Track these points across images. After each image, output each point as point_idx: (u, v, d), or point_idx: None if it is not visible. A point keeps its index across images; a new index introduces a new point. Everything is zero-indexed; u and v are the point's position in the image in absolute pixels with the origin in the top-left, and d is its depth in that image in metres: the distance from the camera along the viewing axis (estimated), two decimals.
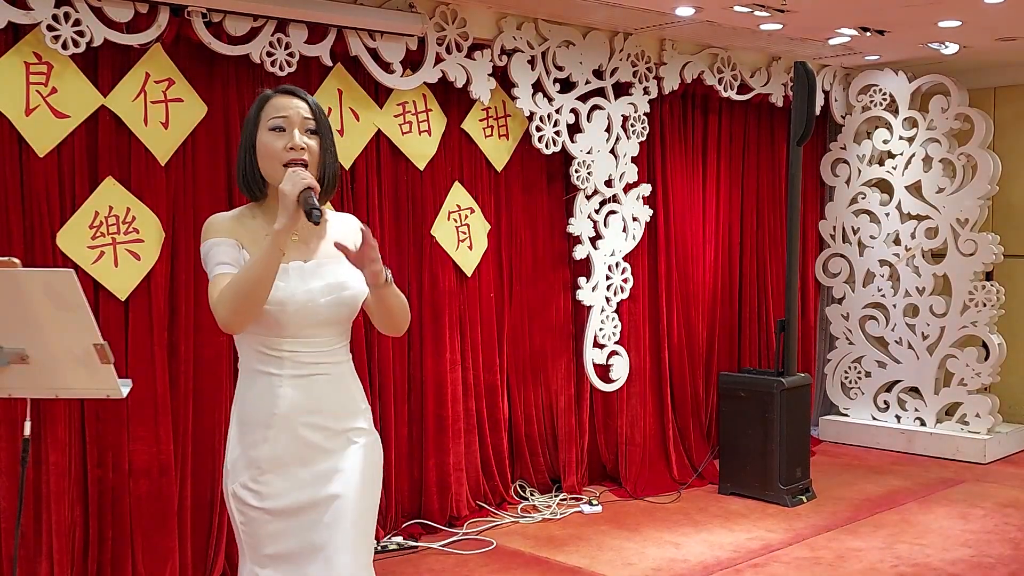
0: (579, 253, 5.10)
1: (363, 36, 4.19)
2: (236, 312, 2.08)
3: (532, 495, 5.08)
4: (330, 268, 2.23)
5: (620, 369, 5.27)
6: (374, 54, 4.25)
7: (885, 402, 6.27)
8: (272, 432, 2.18)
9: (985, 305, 5.87)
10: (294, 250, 2.20)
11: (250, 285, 2.07)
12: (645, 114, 5.26)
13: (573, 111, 4.97)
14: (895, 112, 6.12)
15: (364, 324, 4.44)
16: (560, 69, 4.88)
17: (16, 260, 2.50)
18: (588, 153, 5.04)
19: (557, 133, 4.92)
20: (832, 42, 5.41)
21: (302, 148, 2.16)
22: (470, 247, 4.77)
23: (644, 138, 5.28)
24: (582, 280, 5.13)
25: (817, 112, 5.42)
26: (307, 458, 2.19)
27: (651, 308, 5.51)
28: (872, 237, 6.25)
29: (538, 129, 4.85)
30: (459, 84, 4.54)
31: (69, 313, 2.42)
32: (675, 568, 4.17)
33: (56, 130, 3.57)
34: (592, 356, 5.17)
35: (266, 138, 2.17)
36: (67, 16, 3.49)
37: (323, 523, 2.17)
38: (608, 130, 5.12)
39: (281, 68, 3.96)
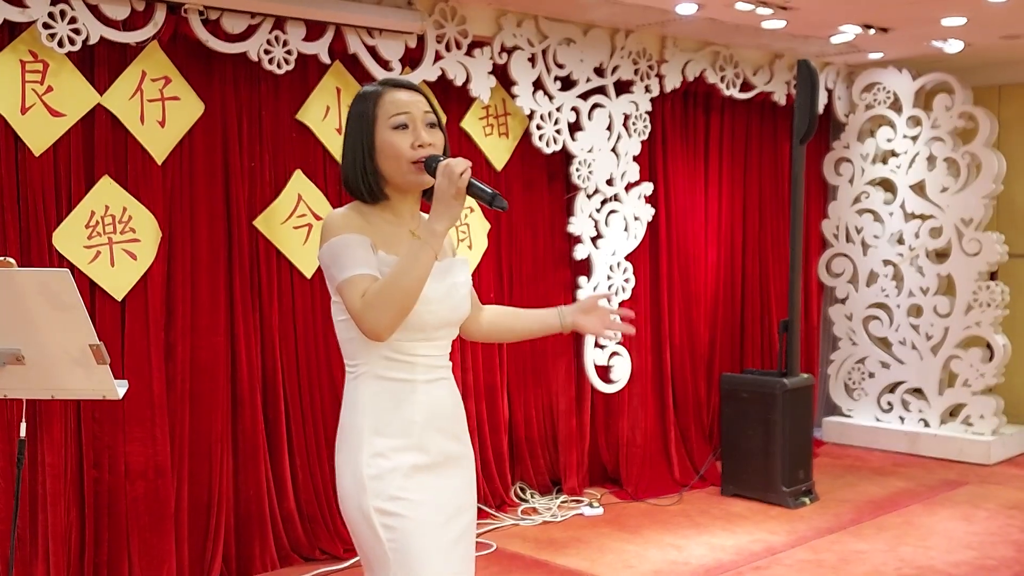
0: (580, 253, 5.07)
1: (362, 34, 4.17)
2: (393, 319, 1.95)
3: (532, 497, 5.06)
4: (457, 265, 2.16)
5: (621, 370, 5.24)
6: (373, 52, 4.22)
7: (888, 403, 6.23)
8: (413, 441, 2.05)
9: (989, 305, 5.84)
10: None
11: (408, 292, 1.95)
12: (646, 112, 5.23)
13: (574, 109, 4.94)
14: (898, 110, 6.09)
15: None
16: (561, 67, 4.85)
17: (11, 260, 2.49)
18: (589, 152, 5.01)
19: (558, 131, 4.89)
20: (835, 40, 5.38)
21: (430, 144, 2.07)
22: (470, 247, 4.75)
23: (645, 136, 5.25)
24: (583, 280, 5.10)
25: (820, 110, 5.39)
26: (442, 467, 2.10)
27: (653, 308, 5.49)
28: (875, 237, 6.22)
29: (538, 127, 4.82)
30: (459, 82, 4.51)
31: (65, 313, 2.41)
32: (676, 570, 4.14)
33: (52, 129, 3.55)
34: (593, 357, 5.14)
35: (390, 137, 2.06)
36: (63, 14, 3.46)
37: (465, 544, 2.13)
38: (609, 128, 5.09)
39: (279, 66, 3.94)
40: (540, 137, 4.83)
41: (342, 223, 2.04)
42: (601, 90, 5.04)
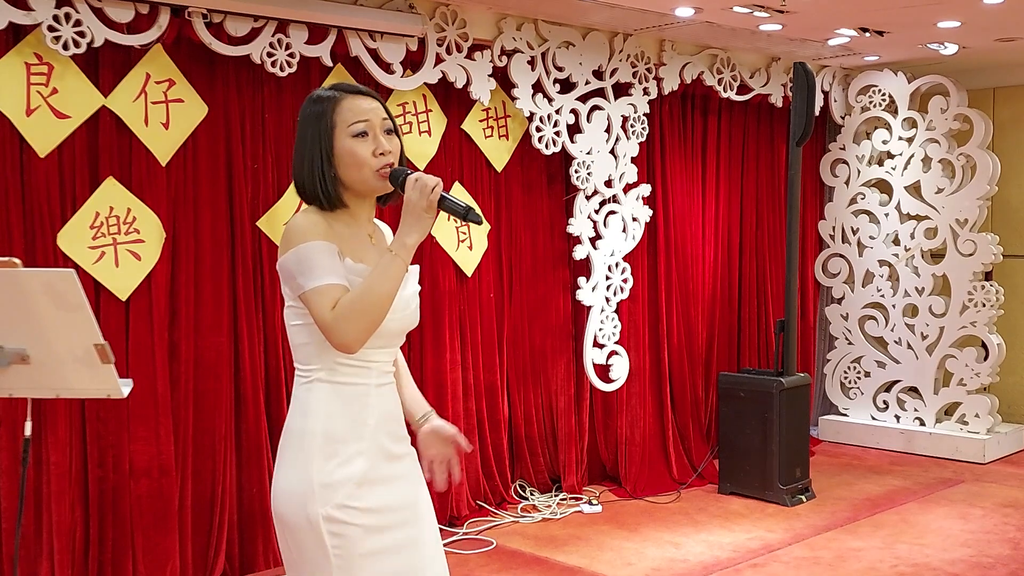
0: (579, 253, 5.11)
1: (363, 37, 4.20)
2: (366, 331, 1.97)
3: (532, 495, 5.09)
4: (411, 276, 2.16)
5: (620, 369, 5.28)
6: (374, 55, 4.26)
7: (884, 402, 6.27)
8: (364, 445, 2.08)
9: (984, 305, 5.88)
10: (377, 255, 2.11)
11: (380, 304, 1.96)
12: (645, 114, 5.26)
13: (573, 111, 4.98)
14: (894, 112, 6.13)
15: None
16: (560, 70, 4.88)
17: (17, 260, 2.50)
18: (588, 153, 5.05)
19: (557, 134, 4.92)
20: (831, 43, 5.41)
21: (390, 152, 2.07)
22: (470, 247, 4.78)
23: (644, 138, 5.28)
24: (582, 280, 5.14)
25: (816, 113, 5.42)
26: (389, 470, 2.13)
27: (651, 308, 5.52)
28: (871, 237, 6.26)
29: (538, 130, 4.86)
30: (459, 85, 4.54)
31: (70, 313, 2.42)
32: (675, 568, 4.18)
33: (57, 130, 3.57)
34: (592, 356, 5.18)
35: (350, 145, 2.05)
36: (68, 17, 3.49)
37: (416, 538, 2.16)
38: (608, 130, 5.13)
39: (282, 68, 3.97)
40: (540, 139, 4.87)
41: (308, 229, 2.01)
42: (600, 92, 5.08)
